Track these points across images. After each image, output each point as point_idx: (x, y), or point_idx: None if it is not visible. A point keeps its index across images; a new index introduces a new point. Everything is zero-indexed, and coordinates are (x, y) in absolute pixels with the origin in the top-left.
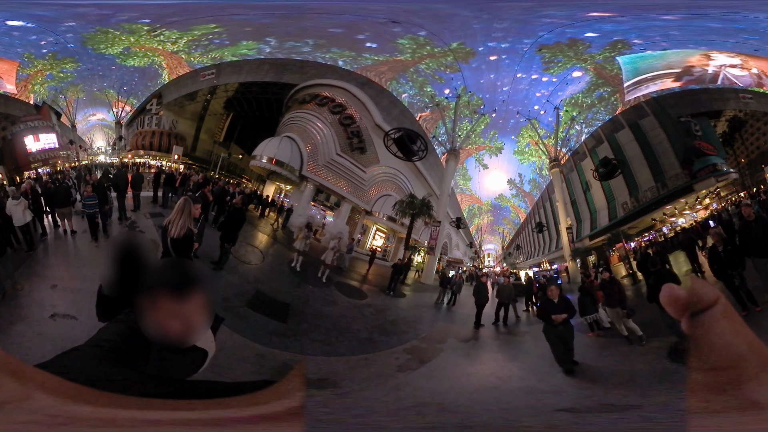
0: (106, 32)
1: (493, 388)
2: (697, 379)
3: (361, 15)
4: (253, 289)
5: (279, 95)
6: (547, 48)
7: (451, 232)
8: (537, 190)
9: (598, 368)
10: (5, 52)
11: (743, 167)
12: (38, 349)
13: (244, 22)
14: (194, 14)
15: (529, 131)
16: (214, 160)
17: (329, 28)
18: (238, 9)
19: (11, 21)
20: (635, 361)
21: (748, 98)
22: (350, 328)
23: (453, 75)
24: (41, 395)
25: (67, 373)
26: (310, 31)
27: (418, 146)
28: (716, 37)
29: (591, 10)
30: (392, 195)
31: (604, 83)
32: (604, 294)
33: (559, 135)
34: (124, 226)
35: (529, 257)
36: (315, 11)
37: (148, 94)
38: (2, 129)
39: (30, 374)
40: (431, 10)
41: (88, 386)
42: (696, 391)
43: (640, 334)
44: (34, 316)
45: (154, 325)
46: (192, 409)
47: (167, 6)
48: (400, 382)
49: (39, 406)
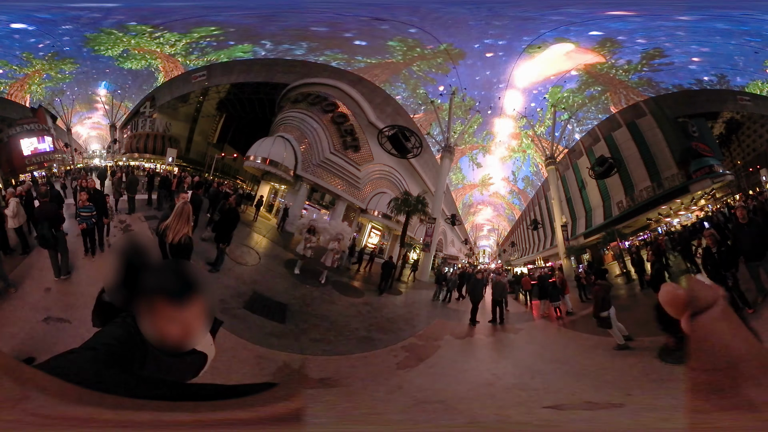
0: (109, 33)
1: (488, 384)
2: (696, 379)
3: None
4: (249, 290)
5: (271, 95)
6: (541, 45)
7: (446, 229)
8: (531, 188)
9: (588, 366)
10: (5, 54)
11: (739, 169)
12: (31, 352)
13: (240, 25)
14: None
15: (520, 128)
16: (208, 162)
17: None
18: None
19: (14, 24)
20: (623, 360)
21: (746, 100)
22: (349, 327)
23: (447, 73)
24: (38, 395)
25: (64, 375)
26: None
27: (413, 143)
28: (720, 38)
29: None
30: (387, 192)
31: (595, 82)
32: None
33: (555, 133)
34: (120, 229)
35: (524, 254)
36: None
37: (141, 97)
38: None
39: (27, 375)
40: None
41: (84, 388)
42: (695, 390)
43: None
44: (27, 319)
45: (153, 329)
46: (193, 411)
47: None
48: (401, 380)
49: (36, 406)
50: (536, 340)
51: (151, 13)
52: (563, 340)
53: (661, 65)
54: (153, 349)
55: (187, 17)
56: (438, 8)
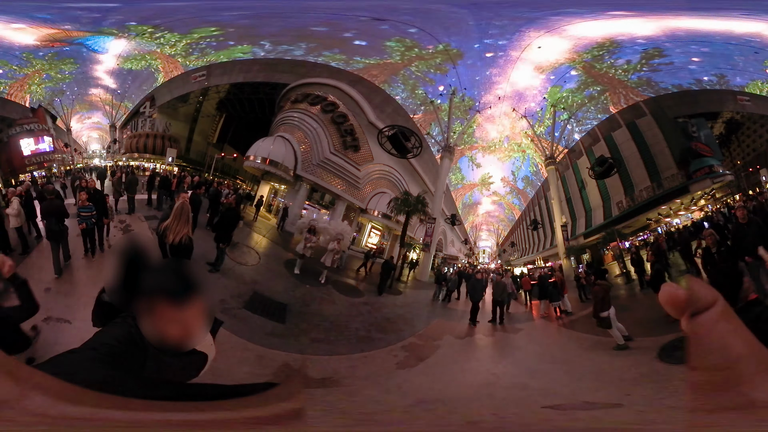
0: (109, 33)
1: (487, 384)
2: (696, 379)
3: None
4: (250, 290)
5: (271, 95)
6: (541, 46)
7: (446, 229)
8: (531, 188)
9: (587, 366)
10: (5, 54)
11: (739, 169)
12: (31, 353)
13: (239, 26)
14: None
15: (520, 128)
16: (208, 162)
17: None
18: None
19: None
20: (622, 360)
21: (746, 101)
22: (349, 327)
23: (446, 73)
24: (37, 395)
25: (64, 375)
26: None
27: (413, 143)
28: (720, 38)
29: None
30: (387, 192)
31: (594, 82)
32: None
33: (555, 133)
34: (120, 229)
35: (524, 254)
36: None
37: (141, 97)
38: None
39: (26, 374)
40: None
41: (84, 388)
42: (694, 390)
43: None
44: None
45: (153, 329)
46: (193, 411)
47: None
48: (401, 380)
49: (35, 406)
50: (536, 340)
51: (152, 14)
52: (563, 340)
53: (661, 65)
54: (153, 349)
55: (187, 17)
56: (438, 8)
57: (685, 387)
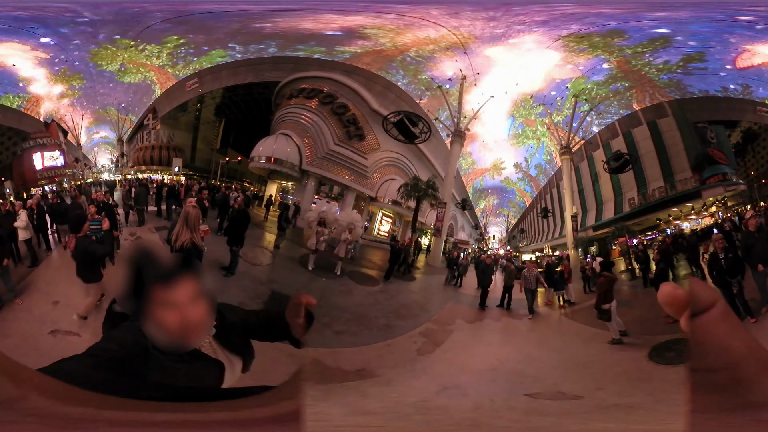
0: (106, 48)
1: (492, 369)
2: (696, 380)
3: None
4: (267, 290)
5: (264, 94)
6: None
7: (456, 214)
8: (543, 176)
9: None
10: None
11: (752, 179)
12: (34, 364)
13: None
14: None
15: (536, 114)
16: (214, 168)
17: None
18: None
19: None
20: (612, 355)
21: (765, 111)
22: (368, 316)
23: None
24: (38, 397)
25: (64, 378)
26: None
27: (420, 128)
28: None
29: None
30: (396, 179)
31: (623, 77)
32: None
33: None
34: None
35: (533, 242)
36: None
37: (144, 109)
38: (13, 144)
39: (27, 376)
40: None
41: (84, 389)
42: (694, 391)
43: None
44: (32, 332)
45: (154, 323)
46: (193, 411)
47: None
48: (424, 365)
49: (35, 407)
50: (537, 327)
51: (126, 27)
52: (562, 330)
53: (696, 69)
54: (157, 352)
55: (156, 24)
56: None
57: (674, 388)
